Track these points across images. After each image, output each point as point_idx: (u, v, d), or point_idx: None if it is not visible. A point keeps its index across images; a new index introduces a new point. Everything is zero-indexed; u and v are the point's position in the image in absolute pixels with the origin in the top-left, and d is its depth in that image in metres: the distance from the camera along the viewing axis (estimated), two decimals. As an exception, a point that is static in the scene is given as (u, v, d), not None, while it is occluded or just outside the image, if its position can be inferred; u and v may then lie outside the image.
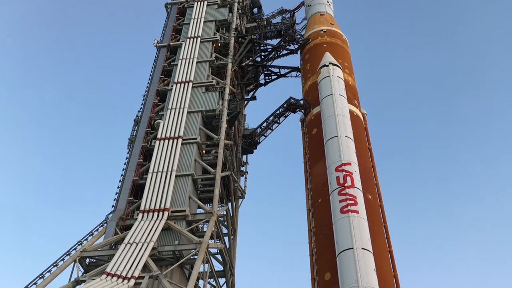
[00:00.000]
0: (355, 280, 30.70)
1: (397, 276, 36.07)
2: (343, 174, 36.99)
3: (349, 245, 32.71)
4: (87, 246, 37.23)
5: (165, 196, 39.66)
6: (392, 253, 37.52)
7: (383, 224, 38.93)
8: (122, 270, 33.00)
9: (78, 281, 34.04)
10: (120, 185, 43.09)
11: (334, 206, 35.86)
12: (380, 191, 41.36)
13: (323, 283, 35.44)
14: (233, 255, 45.82)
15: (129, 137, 48.82)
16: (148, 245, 35.25)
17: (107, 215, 40.56)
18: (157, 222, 37.67)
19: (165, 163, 42.20)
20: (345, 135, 39.91)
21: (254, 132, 53.36)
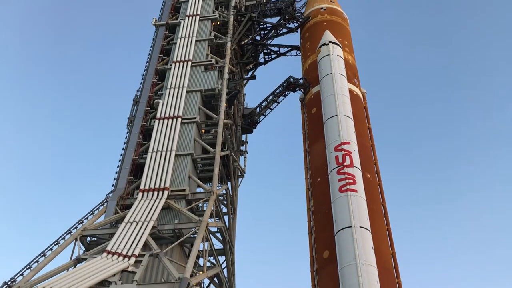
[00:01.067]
0: (353, 258, 31.05)
1: (395, 254, 36.50)
2: (342, 154, 37.05)
3: (347, 224, 32.98)
4: (88, 225, 37.55)
5: (164, 176, 39.83)
6: (390, 232, 37.87)
7: (382, 203, 39.19)
8: (122, 249, 33.34)
9: (79, 259, 34.41)
10: (120, 165, 43.25)
11: (333, 185, 36.04)
12: (379, 170, 41.53)
13: (322, 261, 35.89)
14: (232, 233, 46.24)
15: (128, 116, 48.82)
16: (148, 224, 35.55)
17: (107, 195, 40.82)
18: (157, 201, 37.92)
19: (165, 143, 42.26)
20: (344, 115, 39.84)
21: (253, 112, 53.28)
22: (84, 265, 32.40)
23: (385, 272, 33.46)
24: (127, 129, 47.71)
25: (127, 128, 47.78)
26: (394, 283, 34.59)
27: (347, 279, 30.65)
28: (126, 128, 48.15)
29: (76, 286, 29.74)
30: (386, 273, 33.70)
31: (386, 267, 34.16)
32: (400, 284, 35.00)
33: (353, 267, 30.71)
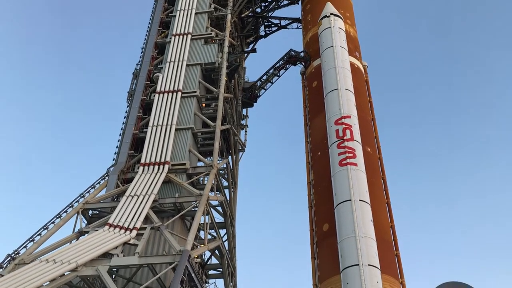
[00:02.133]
0: (352, 230, 31.33)
1: (394, 227, 36.84)
2: (343, 127, 36.98)
3: (347, 197, 33.17)
4: (90, 199, 37.87)
5: (165, 150, 39.94)
6: (390, 205, 38.13)
7: (382, 176, 39.33)
8: (124, 222, 33.68)
9: (82, 232, 34.82)
10: (121, 139, 43.33)
11: (333, 159, 36.10)
12: (379, 144, 41.54)
13: (321, 234, 36.27)
14: (233, 207, 46.63)
15: (128, 90, 48.66)
16: (149, 197, 35.82)
17: (108, 169, 41.02)
18: (158, 175, 38.12)
19: (165, 117, 42.22)
20: (345, 88, 39.58)
21: (254, 85, 53.00)
22: (86, 238, 32.79)
23: (384, 244, 33.83)
24: (127, 103, 47.61)
25: (127, 102, 47.67)
26: (393, 255, 35.01)
27: (346, 251, 31.01)
28: (126, 102, 48.08)
29: (79, 258, 30.14)
30: (385, 245, 34.08)
31: (385, 240, 34.53)
32: (399, 256, 35.44)
33: (352, 239, 31.04)
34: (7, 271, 30.80)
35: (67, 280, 30.05)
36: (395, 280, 33.16)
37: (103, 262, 30.73)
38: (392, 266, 33.90)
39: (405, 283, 34.03)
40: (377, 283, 29.34)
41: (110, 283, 29.25)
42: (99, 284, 32.90)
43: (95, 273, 30.14)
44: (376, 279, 29.51)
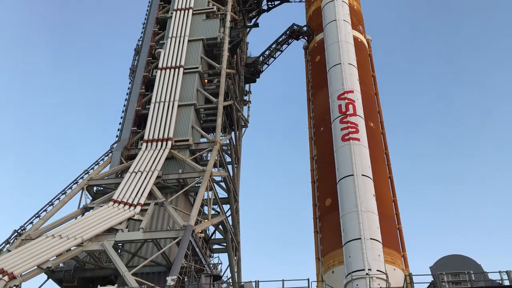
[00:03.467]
0: (354, 205, 31.48)
1: (396, 201, 37.03)
2: (345, 102, 36.79)
3: (349, 172, 33.22)
4: (94, 175, 38.18)
5: (168, 126, 39.99)
6: (392, 179, 38.25)
7: (384, 151, 39.33)
8: (128, 198, 34.01)
9: (87, 207, 35.22)
10: (123, 115, 43.39)
11: (336, 134, 36.04)
12: (382, 119, 41.39)
13: (324, 209, 36.53)
14: (237, 182, 46.91)
15: (130, 67, 48.45)
16: (152, 173, 36.06)
17: (112, 145, 41.21)
18: (161, 152, 38.29)
19: (167, 93, 42.13)
20: (348, 63, 39.20)
21: (256, 61, 52.59)
22: (91, 214, 33.20)
23: (386, 218, 34.03)
24: (129, 79, 47.49)
25: (129, 79, 47.54)
26: (394, 230, 35.29)
27: (348, 225, 31.21)
28: (128, 78, 47.95)
29: (84, 233, 30.57)
30: (387, 219, 34.29)
31: (387, 214, 34.73)
32: (401, 230, 35.72)
33: (354, 214, 31.21)
34: (14, 246, 31.33)
35: (73, 255, 30.58)
36: (397, 254, 33.48)
37: (108, 237, 31.18)
38: (394, 240, 34.19)
39: (407, 256, 34.41)
40: (379, 256, 29.62)
41: (115, 257, 29.74)
42: (105, 258, 33.48)
43: (100, 248, 30.64)
44: (377, 253, 29.78)
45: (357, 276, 28.27)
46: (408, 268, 33.56)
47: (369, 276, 27.81)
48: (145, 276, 31.91)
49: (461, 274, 24.18)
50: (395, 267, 32.14)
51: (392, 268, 31.74)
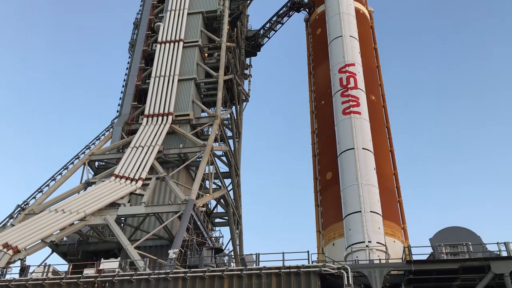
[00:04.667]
0: (355, 178, 31.56)
1: (397, 174, 37.11)
2: (347, 76, 36.47)
3: (350, 146, 33.17)
4: (95, 150, 38.29)
5: (168, 101, 39.85)
6: (393, 153, 38.24)
7: (386, 124, 39.20)
8: (130, 172, 34.17)
9: (89, 182, 35.46)
10: (124, 90, 43.22)
11: (337, 107, 35.86)
12: (384, 92, 41.11)
13: (325, 182, 36.68)
14: (238, 156, 47.00)
15: (129, 41, 48.01)
16: (154, 148, 36.13)
17: (113, 120, 41.17)
18: (162, 126, 38.27)
19: (167, 67, 41.82)
20: (349, 35, 38.68)
21: (257, 34, 52.01)
22: (93, 188, 33.44)
23: (387, 191, 34.18)
24: (128, 53, 47.13)
25: (128, 53, 47.18)
26: (395, 202, 35.47)
27: (349, 198, 31.36)
28: (127, 53, 47.57)
29: (87, 208, 30.85)
30: (388, 192, 34.45)
31: (387, 187, 34.87)
32: (401, 203, 35.91)
33: (355, 187, 31.31)
34: (18, 221, 31.70)
35: (76, 229, 30.95)
36: (397, 226, 33.75)
37: (111, 211, 31.48)
38: (394, 213, 34.42)
39: (407, 228, 34.70)
40: (379, 229, 29.85)
41: (118, 231, 30.09)
42: (108, 232, 33.88)
43: (103, 222, 30.97)
44: (378, 225, 30.01)
45: (357, 248, 28.56)
46: (408, 240, 33.88)
47: (368, 248, 28.08)
48: (148, 249, 32.34)
49: (459, 245, 24.39)
50: (395, 239, 32.45)
51: (392, 240, 32.06)
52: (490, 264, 22.95)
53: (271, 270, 23.01)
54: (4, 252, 27.40)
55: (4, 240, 28.24)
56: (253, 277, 22.98)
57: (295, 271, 22.84)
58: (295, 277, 22.75)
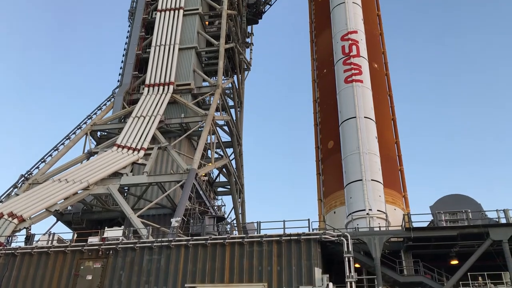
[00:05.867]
0: (356, 147, 31.53)
1: (398, 143, 37.07)
2: (349, 43, 35.93)
3: (352, 114, 32.99)
4: (97, 120, 38.31)
5: (169, 70, 39.57)
6: (395, 121, 38.08)
7: (388, 92, 38.90)
8: (131, 142, 34.27)
9: (91, 152, 35.62)
10: (124, 60, 42.88)
11: (339, 76, 35.51)
12: (387, 60, 40.59)
13: (326, 151, 36.72)
14: (240, 126, 46.96)
15: (129, 9, 47.29)
16: (155, 118, 36.11)
17: (114, 90, 41.05)
18: (163, 96, 38.12)
19: (168, 36, 41.34)
20: (352, 1, 37.87)
21: (258, 1, 51.10)
22: (96, 158, 33.62)
23: (388, 160, 34.21)
24: (128, 22, 46.51)
25: (128, 22, 46.56)
26: (396, 171, 35.56)
27: (350, 167, 31.41)
28: (127, 21, 46.94)
29: (90, 177, 31.10)
30: (389, 161, 34.49)
31: (389, 156, 34.89)
32: (403, 171, 35.99)
33: (356, 156, 31.31)
34: (22, 190, 32.04)
35: (80, 198, 31.29)
36: (398, 194, 33.94)
37: (114, 181, 31.75)
38: (395, 181, 34.55)
39: (408, 196, 34.91)
40: (380, 197, 30.02)
41: (121, 200, 30.42)
42: (112, 201, 34.28)
43: (106, 191, 31.28)
44: (378, 193, 30.17)
45: (358, 216, 28.79)
46: (408, 208, 34.13)
47: (369, 216, 28.32)
48: (151, 218, 32.81)
49: (458, 213, 24.53)
50: (396, 207, 32.68)
51: (393, 208, 32.30)
52: (488, 231, 23.13)
53: (272, 238, 23.29)
54: (9, 221, 27.82)
55: (9, 209, 28.64)
56: (255, 245, 23.30)
57: (295, 238, 23.12)
58: (295, 245, 23.04)
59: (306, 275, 22.17)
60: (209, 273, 22.88)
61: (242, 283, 22.37)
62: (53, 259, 24.44)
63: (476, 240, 23.58)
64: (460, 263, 23.80)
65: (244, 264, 22.82)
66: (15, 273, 24.35)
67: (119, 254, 24.05)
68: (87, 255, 24.34)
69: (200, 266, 23.09)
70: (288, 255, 22.84)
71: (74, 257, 24.40)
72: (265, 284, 22.11)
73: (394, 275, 23.68)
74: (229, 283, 22.50)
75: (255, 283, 22.28)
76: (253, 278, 22.42)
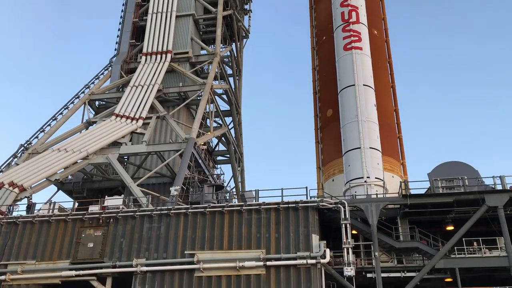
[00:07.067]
0: (355, 115, 31.46)
1: (397, 111, 36.99)
2: (348, 9, 35.35)
3: (351, 82, 32.77)
4: (95, 90, 38.11)
5: (167, 38, 39.10)
6: (395, 89, 37.88)
7: (388, 60, 38.55)
8: (130, 111, 34.18)
9: (90, 122, 35.58)
10: (121, 28, 42.30)
11: (338, 43, 35.10)
12: (387, 26, 40.03)
13: (325, 119, 36.67)
14: (238, 94, 46.73)
15: (124, -25, 46.25)
16: (153, 87, 35.88)
17: (111, 59, 40.66)
18: (161, 65, 37.79)
19: (164, 3, 40.65)
20: (352, -34, 37.04)
21: (257, -34, 49.88)
22: (94, 128, 33.62)
23: (387, 128, 34.21)
24: (124, -11, 45.57)
25: (124, -12, 45.61)
26: (395, 138, 35.61)
27: (348, 135, 31.43)
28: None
29: (89, 147, 31.20)
30: (388, 129, 34.49)
31: (388, 123, 34.86)
32: (401, 139, 36.06)
33: (355, 124, 31.27)
34: (22, 160, 32.18)
35: (80, 167, 31.47)
36: (396, 162, 34.09)
37: (113, 150, 31.85)
38: (393, 148, 34.64)
39: (406, 164, 35.07)
40: (378, 164, 30.16)
41: (120, 169, 30.56)
42: (112, 171, 34.48)
43: (105, 161, 31.41)
44: (376, 161, 30.29)
45: (356, 184, 29.01)
46: (406, 176, 34.35)
47: (367, 184, 28.53)
48: (151, 186, 33.09)
49: (455, 179, 24.70)
50: (394, 175, 32.90)
51: (391, 175, 32.53)
52: (484, 197, 23.36)
53: (270, 205, 23.53)
54: (10, 190, 28.09)
55: (9, 179, 28.87)
56: (253, 213, 23.55)
57: (293, 206, 23.36)
58: (293, 212, 23.30)
59: (303, 241, 22.51)
60: (208, 240, 23.24)
61: (241, 250, 22.74)
62: (55, 228, 24.79)
63: (472, 207, 23.84)
64: (456, 229, 24.14)
65: (242, 231, 23.15)
66: (17, 241, 24.76)
67: (119, 222, 24.38)
68: (88, 224, 24.67)
69: (200, 233, 23.43)
70: (286, 223, 23.13)
71: (75, 225, 24.74)
72: (263, 251, 22.48)
73: (390, 241, 24.06)
74: (228, 250, 22.88)
75: (254, 249, 22.65)
76: (252, 245, 22.78)
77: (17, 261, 24.25)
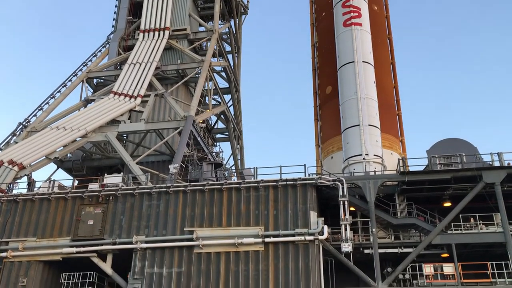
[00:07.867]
0: (354, 92, 31.33)
1: (397, 87, 36.85)
2: (348, -16, 34.84)
3: (350, 59, 32.54)
4: (92, 67, 37.87)
5: (164, 14, 38.67)
6: (395, 65, 37.65)
7: (388, 36, 38.19)
8: (128, 89, 34.04)
9: (88, 100, 35.46)
10: (118, 4, 41.78)
11: (337, 19, 34.72)
12: (387, 2, 39.56)
13: (324, 96, 36.56)
14: (237, 72, 46.43)
15: (121, -50, 45.43)
16: (151, 64, 35.64)
17: (108, 36, 40.30)
18: (159, 42, 37.47)
19: (161, -21, 40.07)
20: None
21: None
22: (93, 106, 33.52)
23: (386, 105, 34.13)
24: (121, -36, 44.81)
25: (121, -36, 44.85)
26: (394, 116, 35.57)
27: (347, 112, 31.37)
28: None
29: (88, 125, 31.16)
30: (387, 106, 34.41)
31: (387, 101, 34.77)
32: (400, 116, 36.02)
33: (354, 101, 31.17)
34: (21, 138, 32.20)
35: (79, 145, 31.49)
36: (395, 139, 34.13)
37: (111, 128, 31.83)
38: (392, 126, 34.64)
39: (405, 141, 35.10)
40: (377, 142, 30.18)
41: (119, 147, 30.61)
42: (111, 149, 34.52)
43: (104, 139, 31.42)
44: (375, 138, 30.29)
45: (354, 161, 29.07)
46: (405, 153, 34.42)
47: (365, 161, 28.59)
48: (150, 164, 33.18)
49: (453, 156, 24.73)
50: (393, 152, 32.97)
51: (390, 152, 32.60)
52: (482, 173, 23.43)
53: (269, 183, 23.62)
54: (10, 168, 28.17)
55: (9, 157, 28.92)
56: (251, 190, 23.65)
57: (291, 183, 23.43)
58: (291, 189, 23.39)
59: (301, 218, 22.67)
60: (207, 217, 23.40)
61: (240, 226, 22.94)
62: (55, 205, 24.94)
63: (469, 183, 23.94)
64: (453, 205, 24.28)
65: (241, 208, 23.30)
66: (17, 219, 24.94)
67: (119, 199, 24.51)
68: (87, 201, 24.81)
69: (199, 211, 23.58)
70: (284, 200, 23.26)
71: (75, 203, 24.88)
72: (261, 228, 22.66)
73: (387, 217, 24.24)
74: (226, 227, 23.07)
75: (252, 226, 22.83)
76: (250, 222, 22.95)
77: (18, 238, 24.46)
